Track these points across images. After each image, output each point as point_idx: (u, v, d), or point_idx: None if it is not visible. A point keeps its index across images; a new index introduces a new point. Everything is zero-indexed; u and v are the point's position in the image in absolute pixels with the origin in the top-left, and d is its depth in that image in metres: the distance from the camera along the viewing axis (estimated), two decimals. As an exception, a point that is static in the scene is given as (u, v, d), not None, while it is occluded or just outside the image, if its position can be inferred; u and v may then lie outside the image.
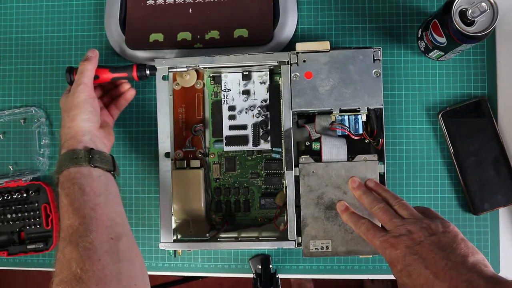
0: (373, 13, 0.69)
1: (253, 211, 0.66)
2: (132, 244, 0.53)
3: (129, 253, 0.51)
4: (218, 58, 0.62)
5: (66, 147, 0.56)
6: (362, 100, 0.59)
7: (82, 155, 0.55)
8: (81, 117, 0.58)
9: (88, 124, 0.58)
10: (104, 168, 0.56)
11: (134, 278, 0.50)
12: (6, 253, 0.70)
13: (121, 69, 0.64)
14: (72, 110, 0.58)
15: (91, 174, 0.54)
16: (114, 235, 0.51)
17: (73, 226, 0.50)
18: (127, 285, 0.49)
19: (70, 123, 0.58)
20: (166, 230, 0.62)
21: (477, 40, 0.58)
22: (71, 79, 0.63)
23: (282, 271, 0.69)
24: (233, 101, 0.65)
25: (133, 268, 0.51)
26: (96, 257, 0.48)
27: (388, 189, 0.56)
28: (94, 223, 0.50)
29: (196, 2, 0.69)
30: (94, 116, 0.59)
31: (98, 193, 0.53)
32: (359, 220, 0.53)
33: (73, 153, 0.55)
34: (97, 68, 0.62)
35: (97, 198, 0.53)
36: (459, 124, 0.66)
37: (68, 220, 0.51)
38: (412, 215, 0.50)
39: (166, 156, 0.63)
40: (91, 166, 0.55)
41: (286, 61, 0.60)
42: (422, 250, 0.46)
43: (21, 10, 0.74)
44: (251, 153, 0.66)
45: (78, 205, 0.52)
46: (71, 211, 0.51)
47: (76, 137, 0.57)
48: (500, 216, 0.67)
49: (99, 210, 0.52)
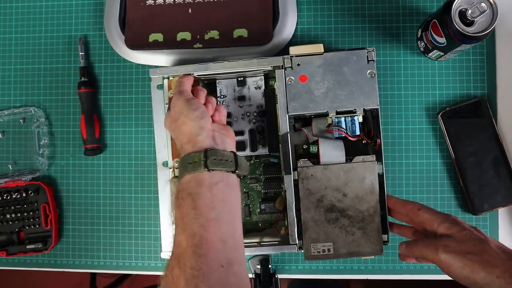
0: (372, 14, 0.69)
1: (253, 217, 0.66)
2: (243, 276, 0.47)
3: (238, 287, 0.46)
4: (212, 65, 0.61)
5: (183, 152, 0.52)
6: (358, 101, 0.59)
7: (197, 159, 0.49)
8: (189, 118, 0.52)
9: (200, 122, 0.52)
10: (224, 170, 0.50)
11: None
12: (5, 253, 0.70)
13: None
14: (178, 118, 0.53)
15: (207, 181, 0.49)
16: (224, 262, 0.45)
17: (182, 245, 0.46)
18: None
19: (180, 130, 0.53)
20: (167, 238, 0.62)
21: (477, 40, 0.58)
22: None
23: (282, 271, 0.69)
24: (228, 107, 0.64)
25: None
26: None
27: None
28: (203, 246, 0.45)
29: (196, 2, 0.69)
30: (202, 113, 0.53)
31: (211, 206, 0.47)
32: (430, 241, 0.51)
33: (187, 158, 0.50)
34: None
35: (209, 213, 0.47)
36: (458, 125, 0.66)
37: (178, 236, 0.47)
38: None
39: (164, 165, 0.63)
40: (208, 171, 0.49)
41: (280, 65, 0.60)
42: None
43: (21, 10, 0.74)
44: (249, 158, 0.66)
45: (188, 220, 0.47)
46: (181, 226, 0.47)
47: (190, 140, 0.51)
48: (500, 217, 0.67)
49: (210, 229, 0.46)
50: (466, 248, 0.47)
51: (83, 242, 0.71)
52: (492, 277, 0.45)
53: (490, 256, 0.46)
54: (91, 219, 0.71)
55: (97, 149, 0.70)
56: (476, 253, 0.46)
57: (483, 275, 0.45)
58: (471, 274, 0.45)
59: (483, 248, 0.47)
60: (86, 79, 0.71)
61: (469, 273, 0.46)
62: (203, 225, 0.46)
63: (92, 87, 0.71)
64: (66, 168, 0.72)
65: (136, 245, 0.70)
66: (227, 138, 0.54)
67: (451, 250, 0.47)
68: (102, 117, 0.72)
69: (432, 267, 0.67)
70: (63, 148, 0.72)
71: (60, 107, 0.73)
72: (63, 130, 0.72)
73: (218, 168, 0.49)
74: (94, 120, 0.70)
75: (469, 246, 0.47)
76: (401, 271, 0.67)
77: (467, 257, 0.46)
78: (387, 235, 0.58)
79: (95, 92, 0.72)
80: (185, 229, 0.46)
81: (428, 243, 0.50)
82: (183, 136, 0.52)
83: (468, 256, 0.46)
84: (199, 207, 0.47)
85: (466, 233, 0.49)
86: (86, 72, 0.71)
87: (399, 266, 0.67)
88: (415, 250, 0.51)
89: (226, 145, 0.53)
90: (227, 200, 0.49)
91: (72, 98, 0.72)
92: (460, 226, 0.50)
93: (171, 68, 0.63)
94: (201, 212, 0.47)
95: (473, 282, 0.46)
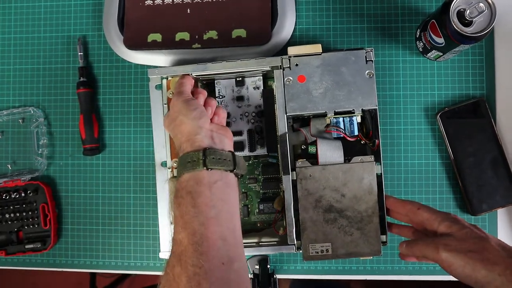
0: (371, 14, 0.69)
1: (252, 217, 0.66)
2: (244, 273, 0.47)
3: (237, 286, 0.46)
4: (211, 65, 0.61)
5: (181, 151, 0.52)
6: (356, 102, 0.59)
7: (196, 158, 0.49)
8: (187, 117, 0.53)
9: (198, 121, 0.52)
10: (222, 169, 0.50)
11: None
12: (4, 252, 0.70)
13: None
14: (177, 118, 0.54)
15: (206, 180, 0.49)
16: (225, 260, 0.45)
17: (183, 243, 0.46)
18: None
19: (179, 129, 0.53)
20: (166, 238, 0.62)
21: (475, 40, 0.58)
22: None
23: (280, 271, 0.69)
24: (227, 107, 0.64)
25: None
26: (206, 286, 0.43)
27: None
28: (204, 244, 0.45)
29: (194, 2, 0.69)
30: (200, 113, 0.53)
31: (211, 204, 0.48)
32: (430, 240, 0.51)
33: (186, 157, 0.50)
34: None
35: (209, 211, 0.47)
36: (457, 125, 0.66)
37: (179, 235, 0.47)
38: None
39: (163, 165, 0.63)
40: (207, 169, 0.49)
41: (279, 65, 0.60)
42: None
43: (20, 10, 0.74)
44: (248, 158, 0.66)
45: (188, 219, 0.47)
46: (182, 224, 0.47)
47: (189, 139, 0.52)
48: (498, 217, 0.67)
49: (210, 227, 0.46)
50: (467, 246, 0.47)
51: (82, 242, 0.71)
52: (493, 274, 0.45)
53: (490, 254, 0.46)
54: (90, 219, 0.71)
55: (95, 149, 0.70)
56: (477, 251, 0.46)
57: (484, 273, 0.45)
58: (473, 273, 0.45)
59: (483, 246, 0.47)
60: (85, 79, 0.71)
61: (471, 272, 0.46)
62: (203, 223, 0.46)
63: (91, 87, 0.71)
64: (65, 168, 0.72)
65: (135, 245, 0.70)
66: (225, 138, 0.54)
67: (452, 249, 0.47)
68: (101, 117, 0.72)
69: (431, 268, 0.67)
70: (62, 148, 0.72)
71: (59, 107, 0.73)
72: (62, 130, 0.73)
73: (216, 167, 0.50)
74: (93, 120, 0.71)
75: (469, 244, 0.47)
76: (400, 272, 0.67)
77: (468, 255, 0.46)
78: (385, 236, 0.58)
79: (94, 92, 0.72)
80: (186, 227, 0.46)
81: (428, 242, 0.49)
82: (182, 135, 0.53)
83: (469, 254, 0.46)
84: (199, 205, 0.47)
85: (467, 231, 0.49)
86: (85, 72, 0.71)
87: (397, 266, 0.67)
88: (415, 249, 0.51)
89: (224, 144, 0.53)
90: (226, 198, 0.50)
91: (71, 98, 0.72)
92: (461, 224, 0.50)
93: (169, 68, 0.63)
94: (201, 210, 0.47)
95: (474, 281, 0.46)
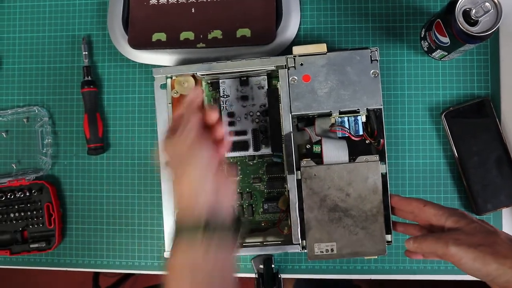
0: (376, 13, 0.69)
1: (256, 216, 0.66)
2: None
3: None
4: (215, 65, 0.61)
5: (180, 212, 0.49)
6: (361, 101, 0.59)
7: (194, 234, 0.45)
8: (194, 173, 0.48)
9: (203, 181, 0.47)
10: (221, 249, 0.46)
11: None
12: (8, 252, 0.70)
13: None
14: (180, 163, 0.48)
15: (203, 266, 0.45)
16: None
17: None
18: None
19: (181, 180, 0.48)
20: (170, 238, 0.62)
21: (481, 40, 0.57)
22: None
23: (285, 271, 0.69)
24: (232, 107, 0.64)
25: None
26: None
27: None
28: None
29: (199, 1, 0.69)
30: (206, 166, 0.48)
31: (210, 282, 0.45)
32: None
33: (180, 227, 0.47)
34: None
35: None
36: (462, 124, 0.66)
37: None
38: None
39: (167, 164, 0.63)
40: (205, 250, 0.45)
41: (284, 65, 0.60)
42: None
43: (25, 9, 0.74)
44: (252, 158, 0.66)
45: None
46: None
47: (189, 203, 0.47)
48: (503, 217, 0.66)
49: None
50: (477, 240, 0.47)
51: (86, 242, 0.72)
52: (504, 268, 0.45)
53: (501, 247, 0.46)
54: (95, 218, 0.71)
55: (100, 148, 0.71)
56: (487, 244, 0.46)
57: (496, 266, 0.45)
58: (483, 266, 0.45)
59: (493, 240, 0.47)
60: (89, 79, 0.71)
61: (481, 265, 0.45)
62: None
63: (95, 87, 0.71)
64: (70, 168, 0.72)
65: (139, 245, 0.71)
66: (226, 197, 0.49)
67: (462, 243, 0.47)
68: (105, 117, 0.72)
69: (435, 267, 0.67)
70: (67, 147, 0.73)
71: (63, 107, 0.73)
72: (67, 130, 0.73)
73: (215, 247, 0.46)
74: (97, 119, 0.71)
75: (479, 238, 0.47)
76: (405, 271, 0.67)
77: (479, 249, 0.46)
78: (390, 235, 0.58)
79: (98, 92, 0.72)
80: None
81: (437, 236, 0.49)
82: (182, 190, 0.49)
83: (480, 248, 0.46)
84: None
85: (475, 225, 0.49)
86: (89, 71, 0.71)
87: (402, 266, 0.67)
88: (424, 244, 0.50)
89: (223, 209, 0.48)
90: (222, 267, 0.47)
91: (75, 98, 0.72)
92: (469, 219, 0.50)
93: (174, 67, 0.63)
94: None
95: (485, 274, 0.46)
